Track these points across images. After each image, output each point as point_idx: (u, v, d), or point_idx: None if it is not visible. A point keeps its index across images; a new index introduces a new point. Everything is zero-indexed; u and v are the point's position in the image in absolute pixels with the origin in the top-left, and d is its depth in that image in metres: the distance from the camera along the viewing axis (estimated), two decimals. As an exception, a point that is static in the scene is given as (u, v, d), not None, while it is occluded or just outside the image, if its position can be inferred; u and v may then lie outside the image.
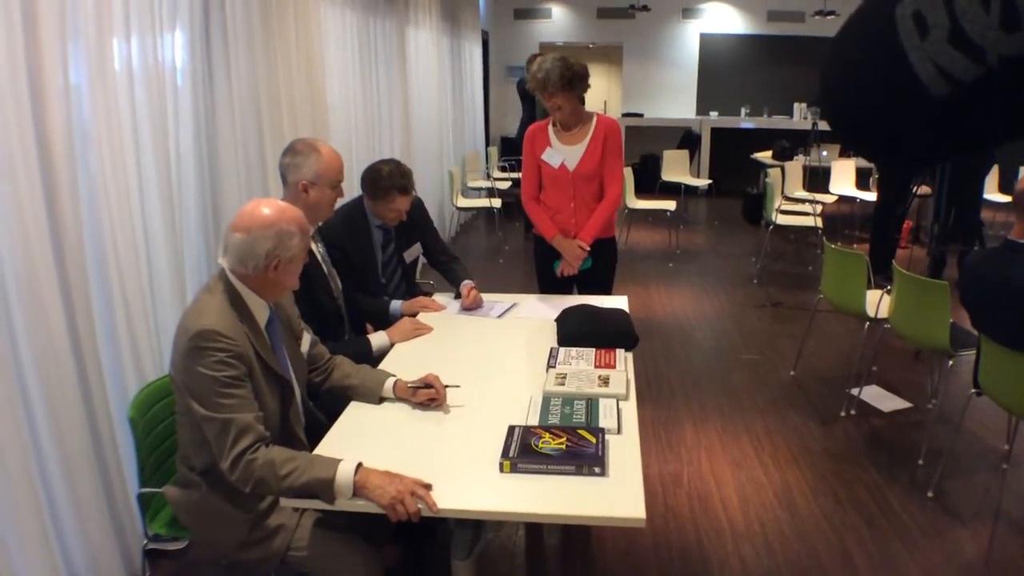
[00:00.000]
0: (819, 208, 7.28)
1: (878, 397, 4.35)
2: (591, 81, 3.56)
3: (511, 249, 8.26)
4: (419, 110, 7.33)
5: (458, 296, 3.41)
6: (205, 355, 1.93)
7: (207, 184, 3.29)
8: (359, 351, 2.83)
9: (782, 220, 7.15)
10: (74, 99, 2.45)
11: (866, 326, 4.13)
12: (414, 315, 3.20)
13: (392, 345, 2.92)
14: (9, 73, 2.15)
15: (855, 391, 4.34)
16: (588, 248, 3.56)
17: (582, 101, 3.55)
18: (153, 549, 2.43)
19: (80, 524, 2.51)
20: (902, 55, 0.96)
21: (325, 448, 2.10)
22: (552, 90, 3.39)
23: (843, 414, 4.16)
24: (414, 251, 3.54)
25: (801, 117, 10.89)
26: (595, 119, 3.58)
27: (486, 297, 3.42)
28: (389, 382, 2.41)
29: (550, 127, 3.63)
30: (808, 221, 7.10)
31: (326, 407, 2.54)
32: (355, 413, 2.35)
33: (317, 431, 2.29)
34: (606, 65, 13.35)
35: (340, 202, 2.93)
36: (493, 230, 9.26)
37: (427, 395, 2.34)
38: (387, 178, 3.15)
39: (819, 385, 4.57)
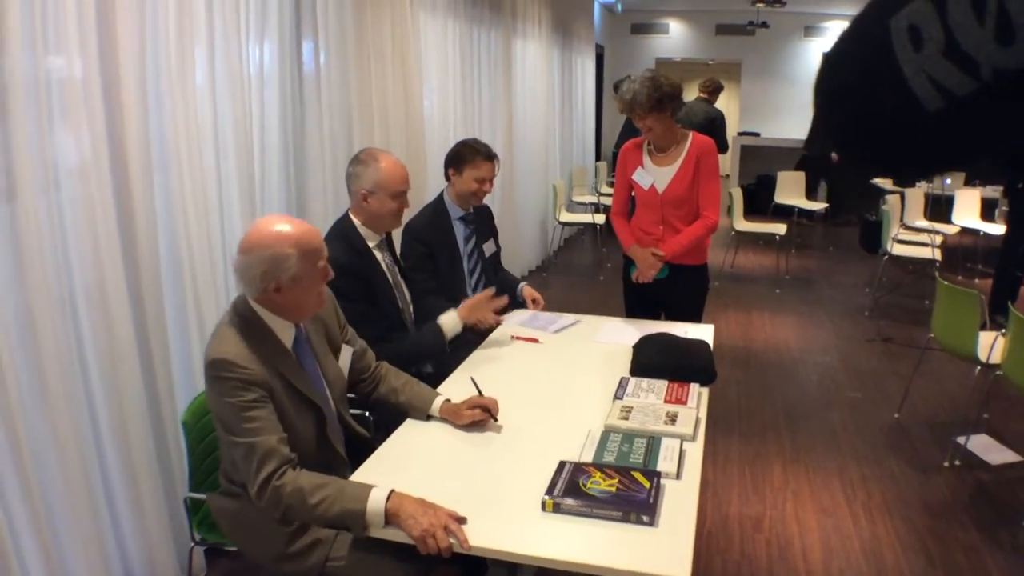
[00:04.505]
0: (939, 239, 6.84)
1: (986, 448, 4.00)
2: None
3: (613, 267, 8.11)
4: (524, 123, 7.30)
5: (519, 305, 3.47)
6: (221, 384, 1.92)
7: (292, 195, 3.34)
8: (434, 345, 2.85)
9: (898, 250, 6.74)
10: (152, 106, 2.50)
11: (977, 370, 3.81)
12: (473, 326, 3.15)
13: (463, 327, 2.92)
14: (82, 76, 2.21)
15: (962, 439, 4.01)
16: (663, 255, 3.40)
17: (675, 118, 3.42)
18: (213, 548, 2.45)
19: (139, 522, 2.56)
20: (897, 69, 0.95)
21: (369, 466, 2.07)
22: (641, 112, 3.28)
23: (946, 464, 3.84)
24: (491, 245, 3.56)
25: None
26: (690, 139, 3.44)
27: (547, 314, 3.42)
28: (437, 402, 2.36)
29: (644, 146, 3.51)
30: (926, 252, 6.68)
31: (383, 418, 2.51)
32: (407, 432, 2.31)
33: (358, 444, 2.28)
34: (724, 82, 13.02)
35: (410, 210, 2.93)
36: (597, 246, 9.14)
37: (471, 417, 2.28)
38: (469, 146, 3.32)
39: (923, 430, 4.25)
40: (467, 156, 3.28)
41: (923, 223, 7.48)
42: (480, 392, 2.37)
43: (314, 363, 2.20)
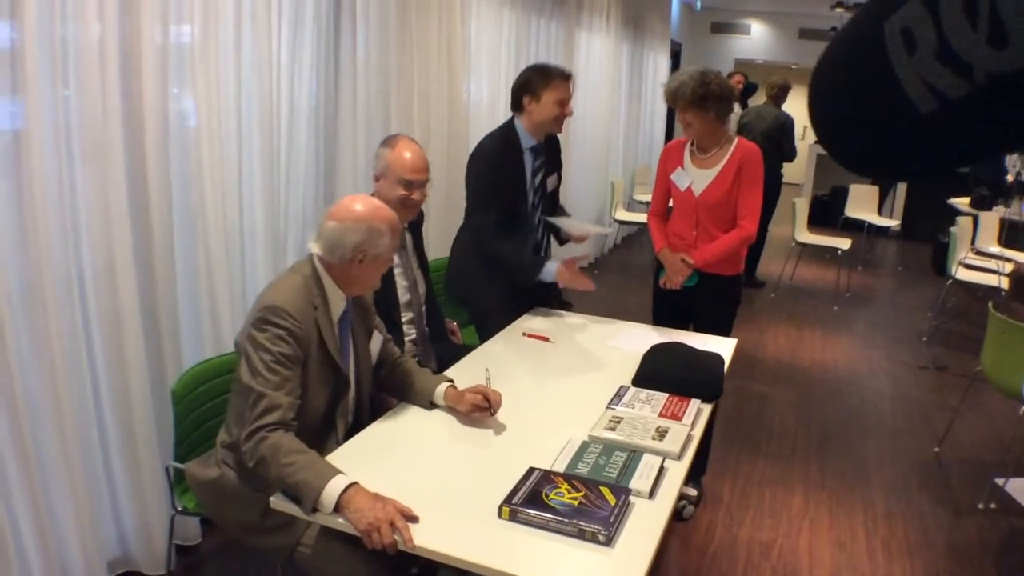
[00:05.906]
0: (1008, 267, 6.48)
1: (1026, 493, 3.77)
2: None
3: (667, 270, 7.94)
4: (583, 117, 7.17)
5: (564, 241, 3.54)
6: (268, 328, 1.99)
7: (320, 180, 3.33)
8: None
9: (964, 275, 6.42)
10: (173, 79, 2.50)
11: (1022, 409, 3.57)
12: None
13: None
14: (99, 62, 2.23)
15: (1000, 481, 3.78)
16: (693, 263, 3.28)
17: (722, 120, 3.28)
18: (208, 519, 2.46)
19: (135, 489, 2.63)
20: (890, 71, 0.97)
21: (344, 452, 2.05)
22: (682, 104, 3.16)
23: (980, 506, 3.62)
24: (554, 180, 3.44)
25: (1011, 165, 9.78)
26: (735, 143, 3.30)
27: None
28: (441, 387, 2.35)
29: (687, 146, 3.39)
30: (994, 280, 6.33)
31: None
32: (390, 420, 2.28)
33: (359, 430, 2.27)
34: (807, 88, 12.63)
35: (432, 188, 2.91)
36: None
37: (473, 400, 2.26)
38: (542, 68, 3.12)
39: (962, 468, 4.03)
40: (543, 79, 3.06)
41: (995, 249, 7.12)
42: (489, 383, 2.34)
43: (350, 338, 2.26)
